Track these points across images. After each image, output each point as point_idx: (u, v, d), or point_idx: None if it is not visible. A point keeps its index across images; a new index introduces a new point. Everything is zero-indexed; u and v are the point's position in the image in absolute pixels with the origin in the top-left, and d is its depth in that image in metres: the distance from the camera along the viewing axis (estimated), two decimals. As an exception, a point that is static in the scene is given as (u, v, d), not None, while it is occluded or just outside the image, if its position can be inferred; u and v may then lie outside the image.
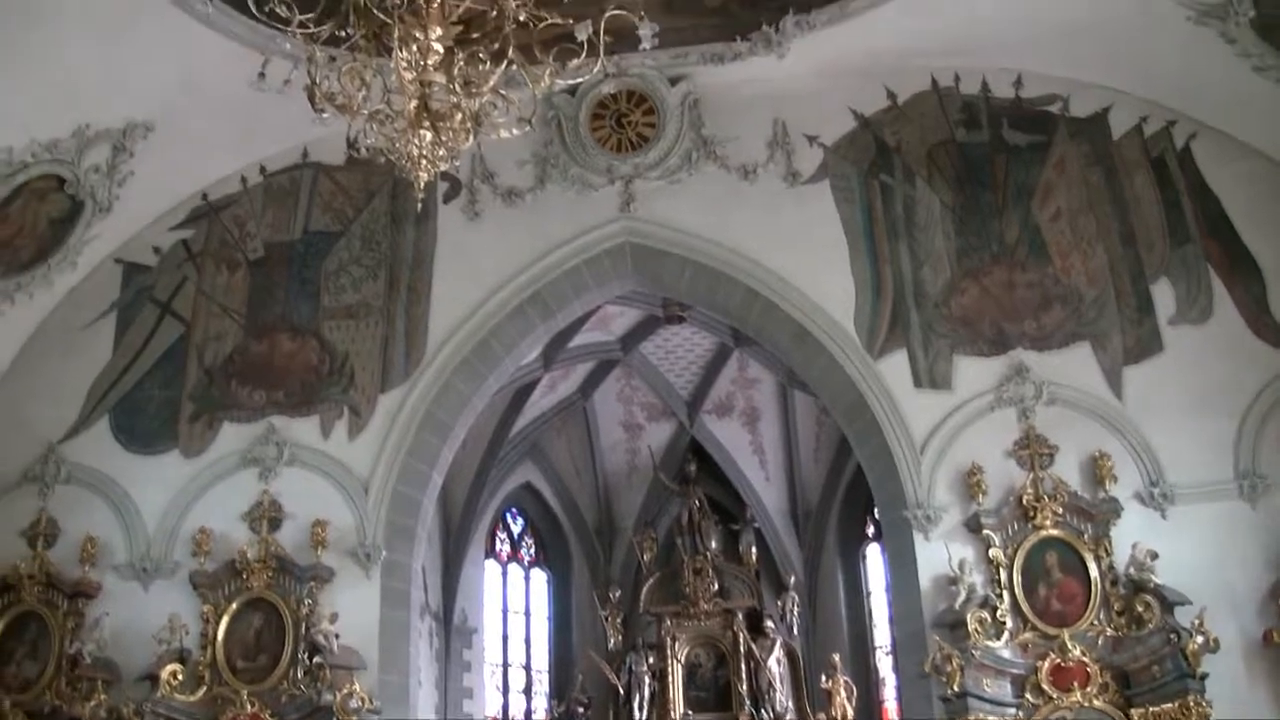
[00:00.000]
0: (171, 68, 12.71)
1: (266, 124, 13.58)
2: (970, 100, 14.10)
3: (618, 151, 14.39)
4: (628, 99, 14.37)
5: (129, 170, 13.62)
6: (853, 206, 13.98)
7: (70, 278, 14.21)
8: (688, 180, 14.31)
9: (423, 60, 7.04)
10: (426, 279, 14.32)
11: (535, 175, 14.50)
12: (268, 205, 14.74)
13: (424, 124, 7.15)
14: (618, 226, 14.30)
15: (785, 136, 14.31)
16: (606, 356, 21.24)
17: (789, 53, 13.61)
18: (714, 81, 14.23)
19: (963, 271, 13.51)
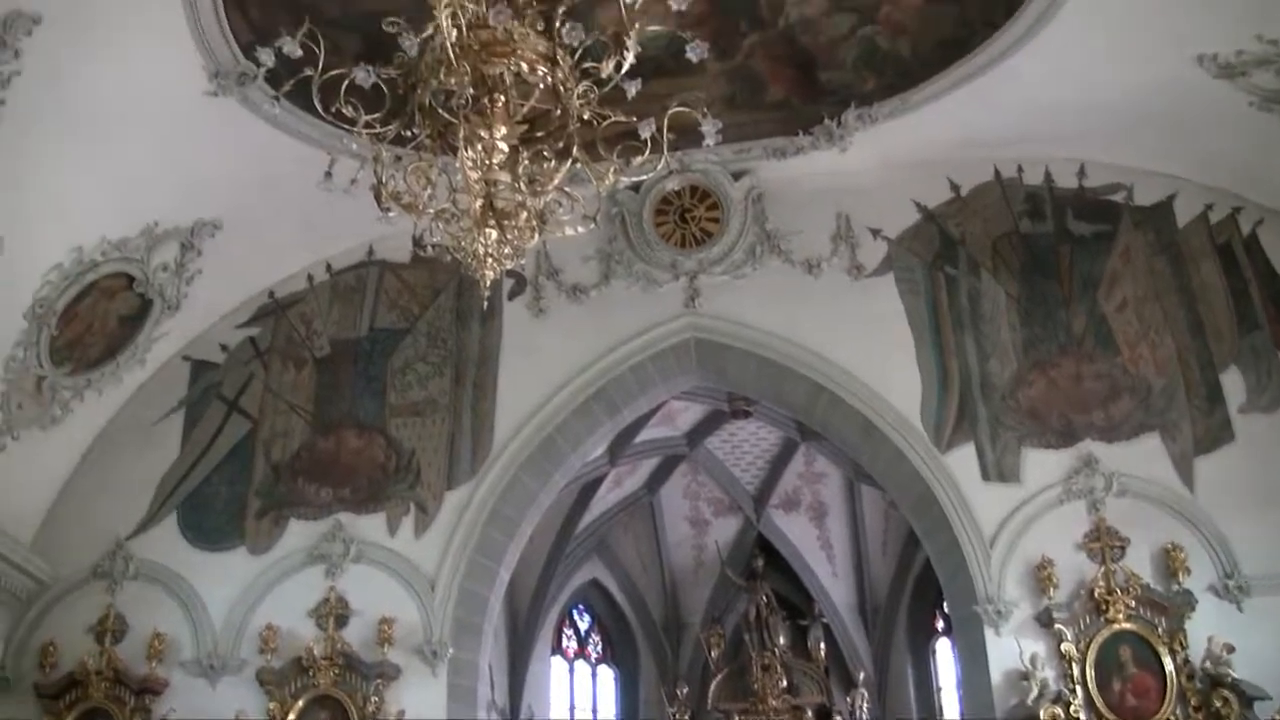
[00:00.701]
0: (239, 167, 12.88)
1: (333, 222, 13.69)
2: (1034, 190, 14.03)
3: (682, 247, 14.38)
4: (691, 194, 14.41)
5: (197, 268, 13.78)
6: (918, 299, 13.88)
7: (139, 375, 14.33)
8: (752, 275, 14.27)
9: (488, 159, 7.04)
10: (492, 376, 14.32)
11: (600, 271, 14.51)
12: (334, 303, 14.84)
13: (489, 222, 7.14)
14: (683, 322, 14.25)
15: (849, 230, 14.26)
16: (672, 452, 21.18)
17: (851, 146, 13.62)
18: (777, 176, 14.25)
19: (1029, 363, 13.36)
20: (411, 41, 6.94)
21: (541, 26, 7.12)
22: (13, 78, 10.69)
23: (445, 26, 6.73)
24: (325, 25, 8.19)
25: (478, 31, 6.94)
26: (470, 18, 6.88)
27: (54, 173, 11.75)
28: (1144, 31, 11.77)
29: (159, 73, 11.63)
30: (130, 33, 11.07)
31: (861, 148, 13.65)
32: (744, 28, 12.59)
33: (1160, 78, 12.21)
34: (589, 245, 14.37)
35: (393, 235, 14.02)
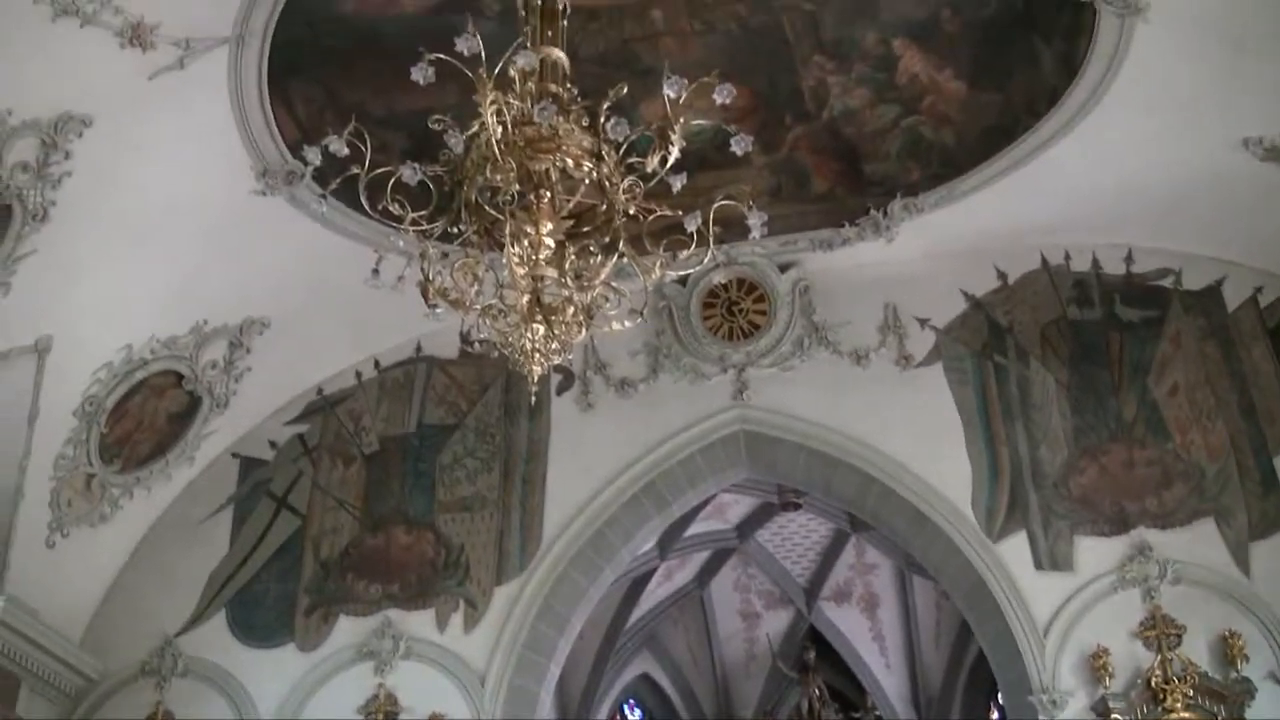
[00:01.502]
0: (288, 265, 12.97)
1: (381, 319, 13.76)
2: (1081, 277, 13.92)
3: (730, 339, 14.33)
4: (738, 287, 14.39)
5: (246, 366, 13.85)
6: (967, 388, 13.76)
7: (188, 472, 14.35)
8: (800, 366, 14.20)
9: (534, 255, 7.02)
10: (541, 471, 14.26)
11: (648, 365, 14.47)
12: (382, 399, 14.84)
13: (536, 318, 7.12)
14: (731, 415, 14.16)
15: (896, 320, 14.19)
16: (723, 545, 21.09)
17: (897, 236, 13.60)
18: (824, 267, 14.22)
19: (1080, 450, 13.20)
20: (457, 138, 6.96)
21: (586, 122, 7.14)
22: (64, 178, 10.86)
23: (490, 123, 6.76)
24: (371, 123, 8.26)
25: (523, 128, 6.96)
26: (515, 114, 6.92)
27: (104, 272, 11.85)
28: (1187, 117, 11.79)
29: (207, 172, 11.77)
30: (179, 133, 11.24)
31: (908, 238, 13.63)
32: (788, 120, 12.71)
33: (1205, 162, 12.20)
34: (636, 339, 14.35)
35: (440, 332, 14.04)
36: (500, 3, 10.70)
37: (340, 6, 11.07)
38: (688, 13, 11.58)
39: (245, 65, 11.05)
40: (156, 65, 10.53)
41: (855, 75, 12.29)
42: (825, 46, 12.03)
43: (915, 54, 12.09)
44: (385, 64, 11.11)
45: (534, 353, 7.24)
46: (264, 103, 11.44)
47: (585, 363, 14.49)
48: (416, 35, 8.98)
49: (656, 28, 11.65)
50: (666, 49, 11.63)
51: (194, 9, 10.39)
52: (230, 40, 10.74)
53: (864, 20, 11.76)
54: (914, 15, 11.69)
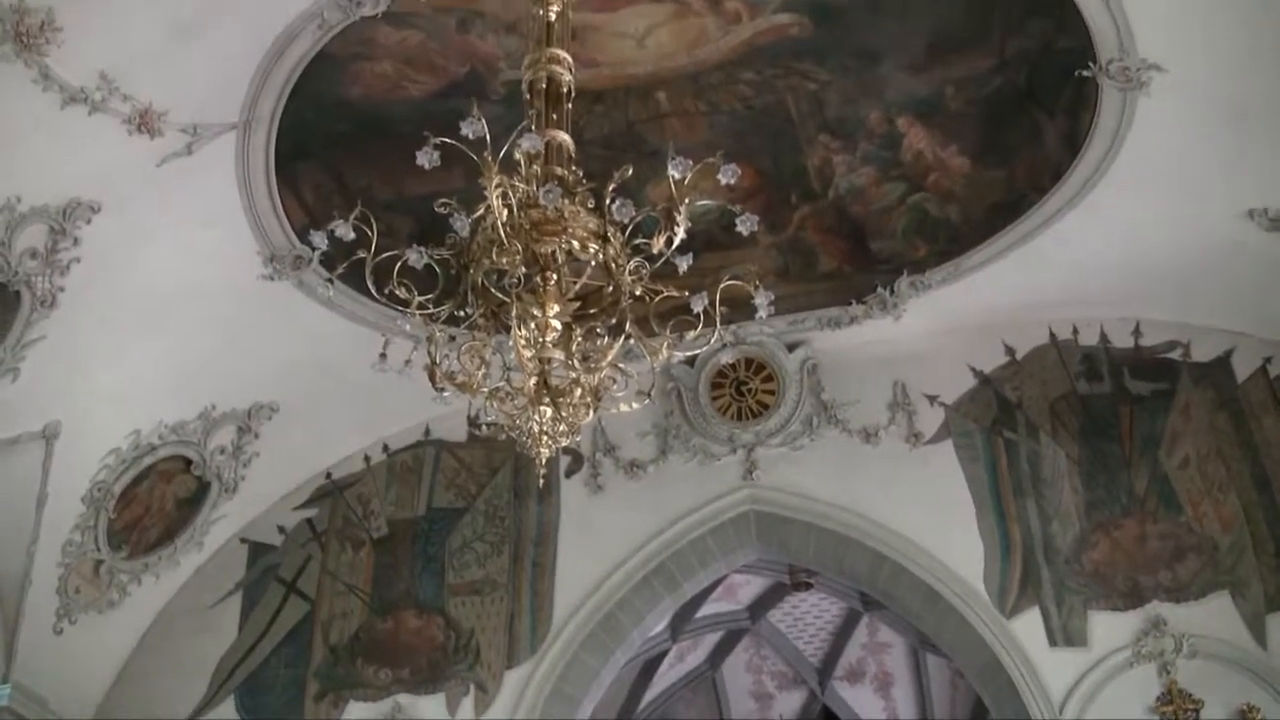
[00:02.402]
0: (295, 350, 13.01)
1: (388, 403, 13.73)
2: (1090, 351, 13.88)
3: (738, 419, 14.31)
4: (746, 367, 14.38)
5: (254, 451, 13.86)
6: (977, 464, 13.70)
7: (196, 558, 14.30)
8: (809, 446, 14.15)
9: (541, 337, 7.00)
10: (551, 553, 14.21)
11: (657, 447, 14.44)
12: (391, 483, 14.82)
13: (544, 400, 7.09)
14: (741, 495, 14.11)
15: (905, 397, 14.16)
16: (734, 626, 20.97)
17: (905, 313, 13.62)
18: (832, 345, 14.21)
19: (1093, 525, 13.10)
20: (463, 222, 6.92)
21: (592, 204, 7.15)
22: (72, 264, 10.91)
23: (496, 206, 6.75)
24: (378, 208, 8.32)
25: (529, 211, 6.95)
26: (521, 197, 6.90)
27: (112, 357, 11.88)
28: (1192, 189, 11.80)
29: (215, 257, 11.83)
30: (186, 218, 11.32)
31: (915, 315, 13.64)
32: (794, 199, 12.76)
33: (1211, 234, 12.19)
34: (645, 421, 14.33)
35: (448, 415, 14.02)
36: (505, 87, 10.83)
37: (347, 91, 11.16)
38: (692, 94, 11.65)
39: (253, 150, 11.14)
40: (164, 151, 10.62)
41: (860, 153, 12.35)
42: (830, 125, 12.10)
43: (920, 131, 12.15)
44: (391, 148, 11.19)
45: (542, 435, 7.21)
46: (271, 188, 11.52)
47: (594, 445, 14.47)
48: (422, 119, 9.13)
49: (661, 109, 11.73)
50: (671, 130, 11.74)
51: (202, 95, 10.47)
52: (238, 126, 10.84)
53: (868, 99, 11.83)
54: (917, 93, 11.75)
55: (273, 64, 10.43)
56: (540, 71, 7.83)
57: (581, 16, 9.75)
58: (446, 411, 13.12)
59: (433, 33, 10.72)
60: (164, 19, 9.65)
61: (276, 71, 10.51)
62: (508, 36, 10.71)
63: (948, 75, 11.56)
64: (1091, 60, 10.66)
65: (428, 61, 10.96)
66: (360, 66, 10.97)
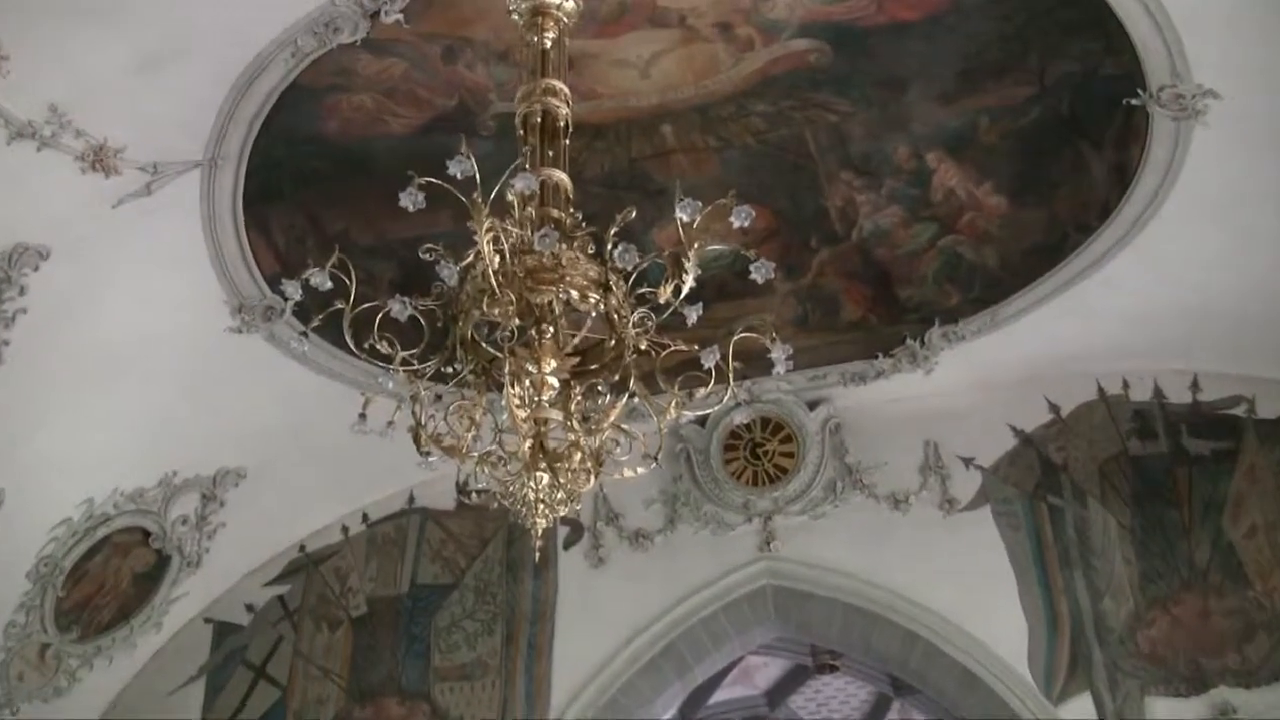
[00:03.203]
0: (266, 410, 13.03)
1: (368, 469, 13.76)
2: (1142, 408, 13.88)
3: (754, 485, 14.32)
4: (763, 427, 14.40)
5: (220, 521, 13.86)
6: (1019, 533, 13.69)
7: (155, 639, 14.30)
8: (833, 513, 14.16)
9: (536, 396, 7.04)
10: (548, 633, 14.20)
11: (665, 515, 14.47)
12: (371, 556, 14.84)
13: (540, 465, 7.10)
14: (758, 568, 14.12)
15: (938, 459, 14.17)
16: (752, 713, 20.97)
17: (937, 367, 13.65)
18: (857, 403, 14.25)
19: (1149, 600, 13.06)
20: (450, 270, 6.94)
21: (592, 250, 7.19)
22: (18, 315, 10.88)
23: (487, 253, 6.77)
24: (357, 254, 8.37)
25: (523, 257, 6.98)
26: (514, 242, 6.93)
27: (62, 417, 11.89)
28: (1253, 226, 11.77)
29: (177, 308, 11.84)
30: (145, 265, 11.31)
31: (948, 369, 13.67)
32: (814, 243, 12.77)
33: (1276, 276, 12.19)
34: (651, 487, 14.37)
35: (435, 481, 14.06)
36: (497, 121, 10.86)
37: (322, 127, 11.18)
38: (700, 128, 11.66)
39: (219, 191, 11.14)
40: (121, 192, 10.61)
41: (886, 192, 12.37)
42: (853, 162, 12.12)
43: (951, 167, 12.17)
44: (372, 188, 11.25)
45: (538, 504, 7.22)
46: (239, 231, 11.52)
47: (595, 513, 14.50)
48: (406, 157, 9.19)
49: (667, 145, 11.76)
50: (679, 168, 11.78)
51: (163, 131, 10.46)
52: (202, 164, 10.83)
53: (894, 132, 11.85)
54: (948, 125, 11.76)
55: (241, 96, 10.41)
56: (534, 104, 7.91)
57: (579, 44, 9.83)
58: (432, 478, 13.18)
59: (417, 62, 10.73)
60: (121, 47, 9.64)
61: (245, 104, 10.50)
62: (499, 66, 10.73)
63: (981, 105, 11.56)
64: (1141, 87, 10.62)
65: (411, 94, 10.98)
66: (337, 99, 10.98)
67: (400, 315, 7.03)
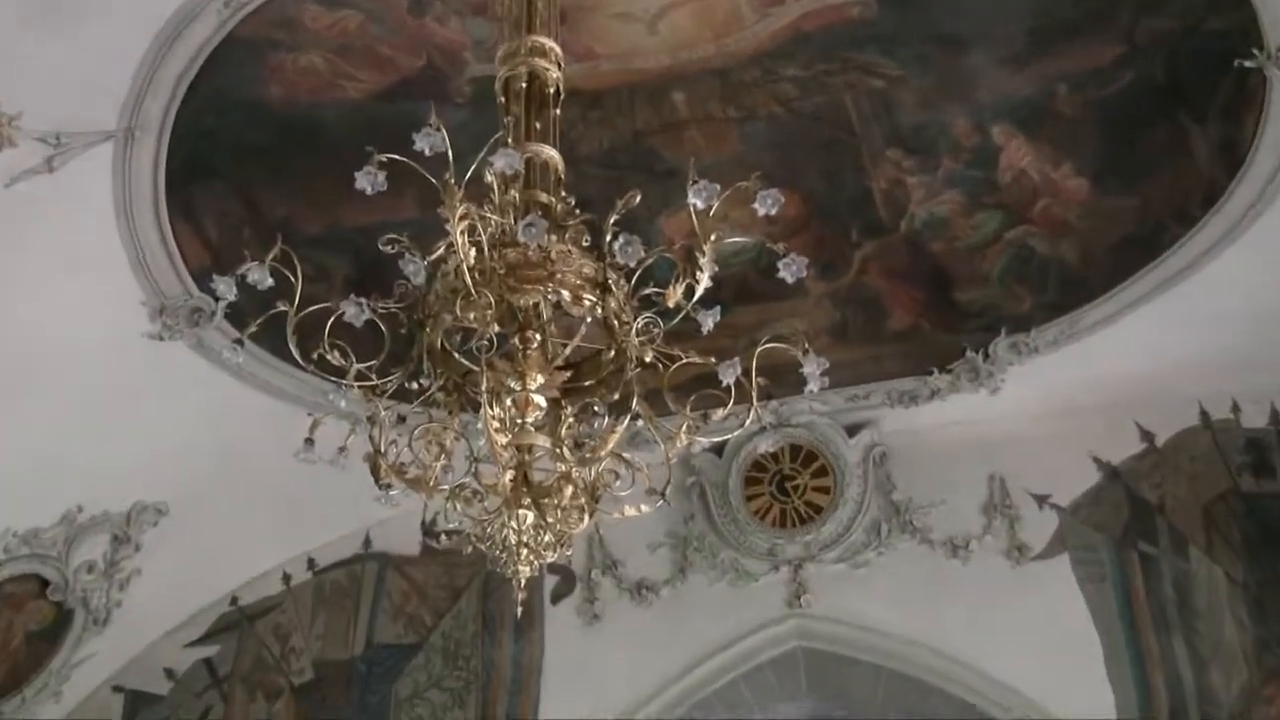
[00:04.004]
0: (192, 433, 13.07)
1: (316, 504, 13.84)
2: (1257, 436, 13.93)
3: (782, 526, 14.40)
4: (793, 457, 14.49)
5: (134, 568, 13.91)
6: (1104, 588, 13.74)
7: (54, 710, 14.33)
8: (877, 561, 14.24)
9: (520, 417, 7.04)
10: (532, 703, 14.26)
11: (674, 563, 14.56)
12: (319, 611, 14.90)
13: (524, 501, 7.10)
14: (786, 627, 14.22)
15: (1006, 498, 14.25)
16: (777, 804, 20.93)
17: (1004, 385, 13.72)
18: (906, 428, 14.34)
19: (1265, 673, 13.09)
20: (417, 265, 6.92)
21: (588, 242, 7.15)
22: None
23: (461, 245, 6.69)
24: (304, 245, 8.40)
25: (504, 251, 6.93)
26: (494, 232, 6.89)
27: (-57, 445, 11.98)
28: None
29: (84, 310, 11.85)
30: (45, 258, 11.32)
31: (1017, 387, 13.74)
32: (855, 235, 12.84)
33: None
34: (658, 528, 14.46)
35: (396, 520, 14.12)
36: (473, 86, 10.95)
37: (263, 91, 11.22)
38: (720, 95, 11.72)
39: (136, 168, 11.15)
40: (16, 168, 10.63)
41: (943, 174, 12.44)
42: (902, 136, 12.17)
43: (1021, 144, 12.21)
44: (323, 167, 11.34)
45: (521, 548, 7.19)
46: (160, 217, 11.56)
47: (589, 560, 14.56)
48: (364, 129, 9.23)
49: (678, 115, 11.83)
50: (692, 144, 11.80)
51: (67, 94, 10.42)
52: (116, 135, 10.83)
53: (953, 101, 11.89)
54: (1018, 93, 11.77)
55: (164, 52, 10.39)
56: (519, 66, 7.87)
57: (574, -8, 9.92)
58: (393, 516, 13.25)
59: (377, 14, 10.77)
60: (16, -6, 9.69)
61: (169, 63, 10.48)
62: (476, 20, 10.79)
63: (1058, 69, 11.58)
64: (1256, 46, 10.61)
65: (370, 52, 11.04)
66: (281, 59, 11.03)
67: (356, 320, 6.95)
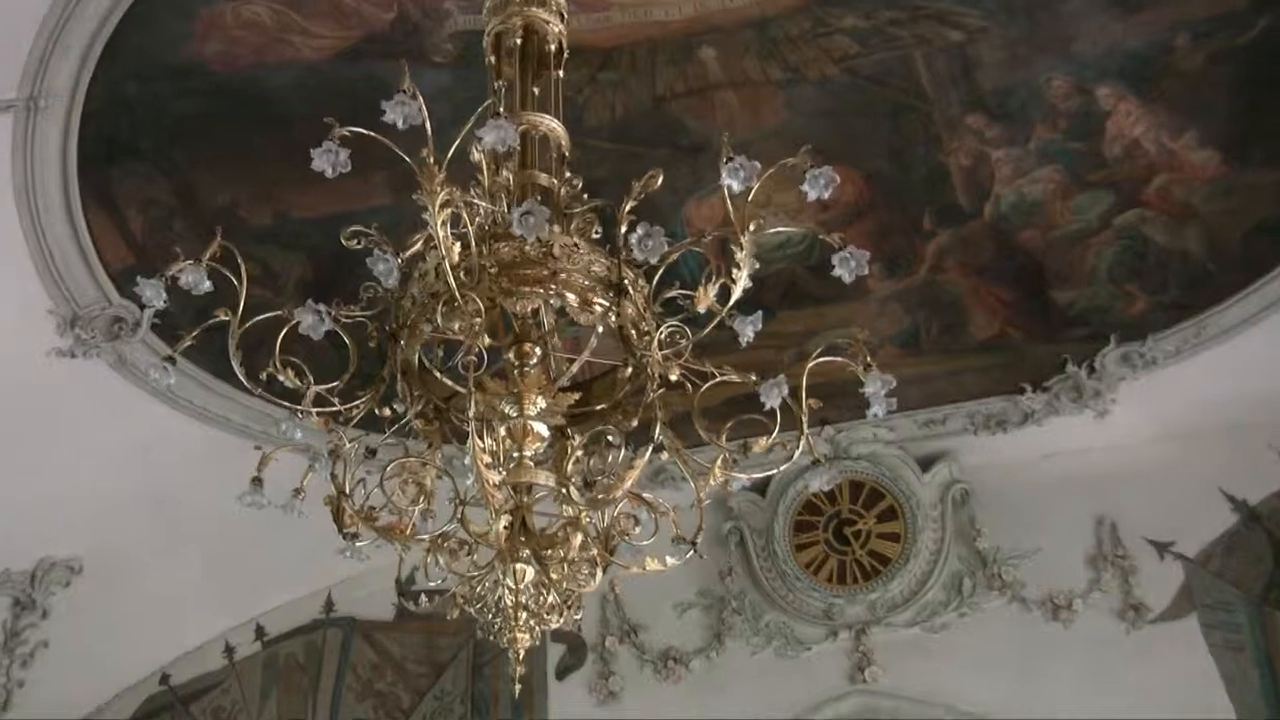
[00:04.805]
0: (113, 471, 13.06)
1: (266, 559, 13.84)
2: None
3: (840, 583, 14.37)
4: (852, 497, 14.47)
5: (40, 640, 13.93)
6: (1241, 658, 13.69)
7: (-62, 823, 14.41)
8: (959, 625, 14.24)
9: (517, 450, 6.97)
10: (534, 803, 14.30)
11: (707, 628, 14.56)
12: (270, 689, 14.92)
13: (522, 554, 7.00)
14: (848, 705, 14.23)
15: (1117, 545, 14.21)
16: None
17: (1114, 406, 13.70)
18: (992, 461, 14.33)
19: None
20: (389, 263, 6.82)
21: (598, 233, 7.06)
22: None
23: (442, 238, 6.52)
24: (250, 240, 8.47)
25: (495, 245, 6.82)
26: (484, 223, 6.85)
27: None
28: None
29: (-23, 323, 11.87)
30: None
31: (1131, 409, 13.71)
32: (927, 223, 12.75)
33: None
34: (687, 586, 14.49)
35: (365, 579, 14.15)
36: (456, 43, 10.79)
37: (196, 52, 11.04)
38: (759, 52, 11.50)
39: (40, 145, 11.12)
40: (-109, 147, 10.66)
41: (1036, 146, 12.30)
42: (985, 101, 12.03)
43: (1133, 108, 12.05)
44: (271, 144, 11.24)
45: (518, 611, 7.13)
46: (72, 206, 11.55)
47: (603, 626, 14.57)
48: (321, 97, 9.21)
49: (709, 78, 11.63)
50: (725, 112, 11.71)
51: (-46, 58, 10.40)
52: (15, 105, 10.79)
53: (1046, 56, 11.69)
54: (1128, 45, 11.59)
55: (72, 6, 10.34)
56: (513, 18, 7.81)
57: (580, -72, 9.89)
58: (361, 573, 13.27)
59: (337, -46, 10.79)
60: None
61: (78, 19, 10.43)
62: (460, -40, 10.76)
63: (1179, 15, 11.42)
64: None
65: (328, 2, 10.91)
66: (217, 11, 10.88)
67: (314, 331, 6.83)
